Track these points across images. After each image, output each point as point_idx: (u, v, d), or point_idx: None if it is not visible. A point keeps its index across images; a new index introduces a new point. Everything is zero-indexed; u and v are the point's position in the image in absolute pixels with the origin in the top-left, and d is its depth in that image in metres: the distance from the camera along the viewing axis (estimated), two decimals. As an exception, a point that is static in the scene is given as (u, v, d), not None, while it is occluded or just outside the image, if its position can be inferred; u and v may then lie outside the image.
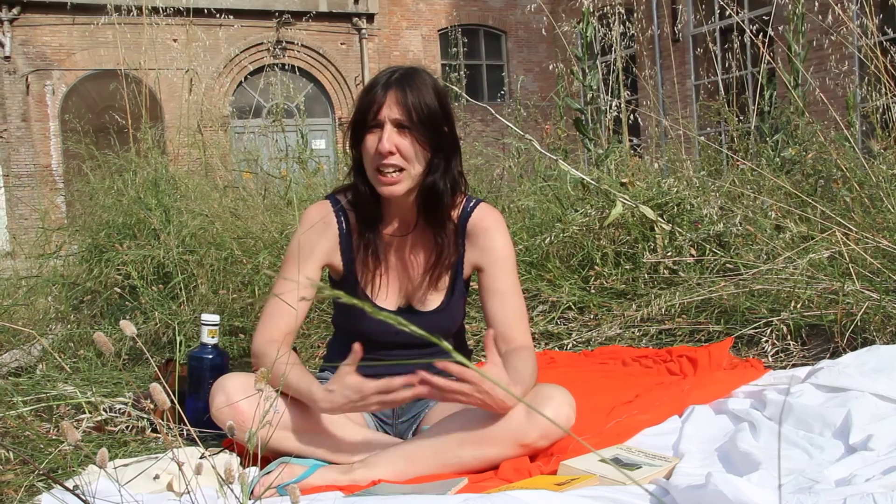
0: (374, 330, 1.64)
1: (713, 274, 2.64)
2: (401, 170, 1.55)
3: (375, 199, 1.63)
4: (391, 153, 1.53)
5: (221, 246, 3.03)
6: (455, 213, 1.67)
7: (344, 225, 1.68)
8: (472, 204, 1.68)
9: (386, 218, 1.68)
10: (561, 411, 1.47)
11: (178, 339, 2.34)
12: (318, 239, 1.67)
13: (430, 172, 1.59)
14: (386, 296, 1.68)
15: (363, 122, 1.56)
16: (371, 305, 0.66)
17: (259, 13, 13.44)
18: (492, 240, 1.66)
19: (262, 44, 13.61)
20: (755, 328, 2.29)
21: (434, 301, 1.68)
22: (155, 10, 4.45)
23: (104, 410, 1.91)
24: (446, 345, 0.63)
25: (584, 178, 3.15)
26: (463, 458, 1.49)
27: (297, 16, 13.23)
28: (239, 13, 12.42)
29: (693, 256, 2.76)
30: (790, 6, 3.99)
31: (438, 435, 1.51)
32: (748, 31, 3.94)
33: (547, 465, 1.48)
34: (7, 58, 12.57)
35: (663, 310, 2.50)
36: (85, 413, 1.88)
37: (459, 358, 0.63)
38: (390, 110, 1.53)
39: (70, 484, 1.33)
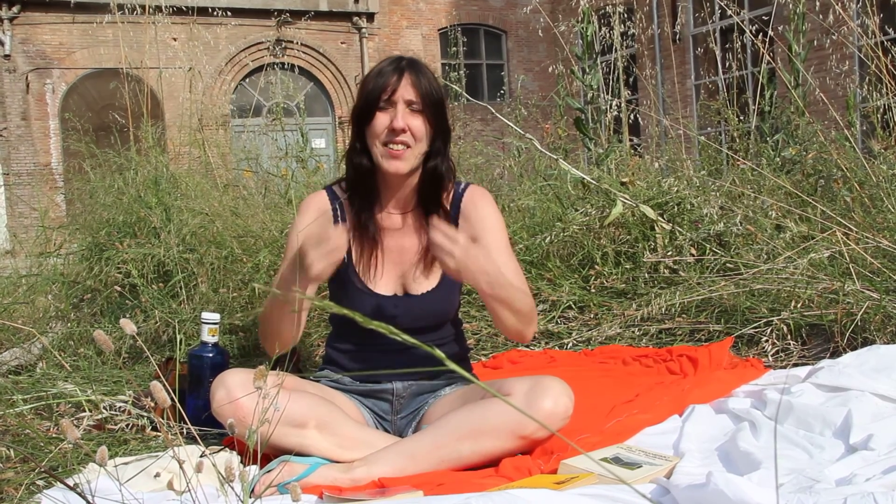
0: (370, 315, 1.65)
1: (713, 273, 2.64)
2: (407, 146, 1.63)
3: (375, 178, 1.70)
4: (403, 130, 1.61)
5: (222, 244, 3.03)
6: (448, 199, 1.75)
7: (339, 213, 1.74)
8: (461, 187, 1.77)
9: (384, 201, 1.73)
10: (559, 401, 1.49)
11: (178, 337, 2.34)
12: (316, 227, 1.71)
13: (431, 156, 1.68)
14: (382, 280, 1.72)
15: (375, 101, 1.63)
16: (363, 316, 0.67)
17: (259, 12, 13.43)
18: (483, 209, 1.74)
19: (262, 43, 13.60)
20: (755, 328, 2.30)
21: (429, 283, 1.72)
22: (157, 9, 4.44)
23: (104, 409, 1.91)
24: (439, 353, 0.65)
25: (584, 178, 3.15)
26: (462, 453, 1.50)
27: (298, 15, 13.20)
28: (239, 12, 12.41)
29: (693, 256, 2.76)
30: (790, 6, 3.99)
31: (437, 431, 1.53)
32: (748, 31, 3.94)
33: (547, 463, 1.49)
34: (7, 56, 12.56)
35: (663, 309, 2.50)
36: (85, 411, 1.88)
37: (452, 365, 0.64)
38: (405, 91, 1.62)
39: (70, 482, 1.33)
